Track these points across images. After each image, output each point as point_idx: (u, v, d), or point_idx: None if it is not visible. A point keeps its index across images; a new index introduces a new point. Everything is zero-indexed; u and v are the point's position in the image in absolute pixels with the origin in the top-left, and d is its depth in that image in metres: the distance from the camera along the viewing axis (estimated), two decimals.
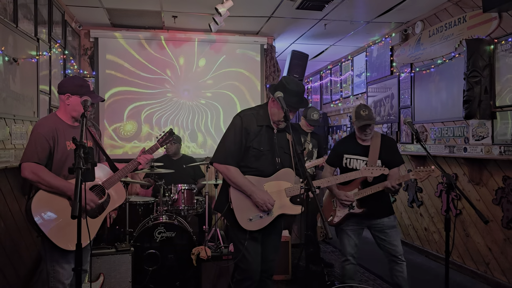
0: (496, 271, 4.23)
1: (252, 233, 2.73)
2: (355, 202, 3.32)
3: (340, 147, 3.54)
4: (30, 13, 4.00)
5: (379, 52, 6.43)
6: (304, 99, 2.82)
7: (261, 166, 2.75)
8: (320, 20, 5.59)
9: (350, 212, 3.35)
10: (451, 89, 4.76)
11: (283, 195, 2.76)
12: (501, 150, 4.00)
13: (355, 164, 3.39)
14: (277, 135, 2.81)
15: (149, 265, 4.04)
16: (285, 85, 2.73)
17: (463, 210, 4.65)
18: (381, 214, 3.36)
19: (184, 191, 4.57)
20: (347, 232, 3.40)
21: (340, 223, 3.40)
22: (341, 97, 7.93)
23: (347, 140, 3.56)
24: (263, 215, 2.72)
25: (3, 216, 3.46)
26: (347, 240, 3.41)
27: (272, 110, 2.76)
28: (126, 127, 5.97)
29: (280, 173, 2.77)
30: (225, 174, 2.71)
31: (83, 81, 2.73)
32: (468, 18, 4.49)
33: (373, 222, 3.37)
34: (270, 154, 2.76)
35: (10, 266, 3.55)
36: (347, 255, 3.41)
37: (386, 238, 3.33)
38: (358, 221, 3.39)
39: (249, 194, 2.67)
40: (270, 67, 6.47)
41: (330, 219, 3.43)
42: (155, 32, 6.08)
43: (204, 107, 6.23)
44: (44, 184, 2.47)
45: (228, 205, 2.73)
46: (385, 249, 3.36)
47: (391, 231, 3.34)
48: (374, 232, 3.41)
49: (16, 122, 3.63)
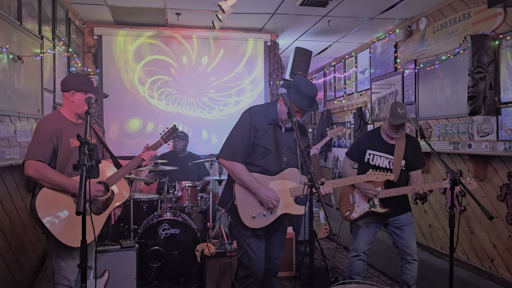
0: (500, 267, 4.22)
1: (255, 230, 2.71)
2: (378, 201, 3.27)
3: (363, 142, 3.46)
4: (34, 11, 4.02)
5: (383, 49, 6.40)
6: (315, 102, 2.76)
7: (267, 165, 2.72)
8: (324, 16, 5.58)
9: (371, 210, 3.30)
10: (455, 85, 4.74)
11: (287, 194, 2.73)
12: (506, 146, 3.98)
13: (378, 162, 3.33)
14: (285, 134, 2.78)
15: (154, 262, 4.05)
16: (298, 86, 2.68)
17: (467, 206, 4.63)
18: (399, 211, 3.32)
19: (188, 188, 4.58)
20: (363, 228, 3.37)
21: (358, 219, 3.35)
22: (345, 94, 7.91)
23: (372, 135, 3.48)
24: (267, 213, 2.70)
25: (8, 213, 3.48)
26: (361, 237, 3.37)
27: (282, 109, 2.72)
28: (130, 124, 5.99)
29: (285, 172, 2.75)
30: (231, 170, 2.69)
31: (86, 78, 2.74)
32: (473, 13, 4.46)
33: (390, 219, 3.34)
34: (276, 153, 2.74)
35: (16, 263, 3.58)
36: (358, 251, 3.38)
37: (403, 235, 3.30)
38: (376, 219, 3.35)
39: (254, 191, 2.65)
40: (273, 64, 6.46)
41: (347, 214, 3.37)
42: (158, 30, 6.09)
43: (208, 104, 6.23)
44: (48, 182, 2.48)
45: (232, 201, 2.72)
46: (400, 246, 3.33)
47: (407, 228, 3.31)
48: (391, 228, 3.37)
49: (20, 119, 3.65)
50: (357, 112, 7.17)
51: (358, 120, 7.10)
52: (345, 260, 5.04)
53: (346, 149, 7.87)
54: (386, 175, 3.06)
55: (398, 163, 3.26)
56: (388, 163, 3.31)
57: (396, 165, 3.29)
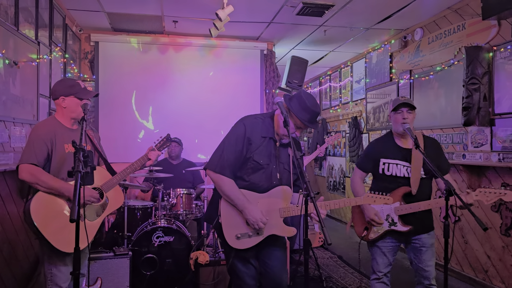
0: (494, 278, 4.22)
1: (240, 252, 2.53)
2: (398, 218, 2.88)
3: (375, 150, 3.06)
4: (31, 16, 4.02)
5: (379, 59, 6.45)
6: (316, 122, 2.60)
7: (257, 180, 2.55)
8: (320, 26, 5.62)
9: (391, 229, 2.91)
10: (450, 96, 4.77)
11: (276, 215, 2.54)
12: (500, 157, 4.01)
13: (395, 171, 2.93)
14: (279, 149, 2.62)
15: (147, 270, 4.02)
16: (303, 99, 2.51)
17: (461, 217, 4.65)
18: (421, 230, 2.94)
19: (183, 196, 4.56)
20: (382, 249, 2.99)
21: (377, 239, 2.98)
22: (340, 103, 7.95)
23: (384, 141, 3.07)
24: (252, 234, 2.51)
25: (1, 219, 3.45)
26: (381, 259, 3.00)
27: (280, 123, 2.53)
28: (126, 130, 5.96)
29: (275, 190, 2.56)
30: (218, 184, 2.50)
31: (72, 81, 2.73)
32: (468, 25, 4.52)
33: (411, 238, 2.96)
34: (268, 169, 2.56)
35: (7, 270, 3.53)
36: (379, 274, 3.01)
37: (422, 258, 2.93)
38: (396, 237, 2.96)
39: (241, 209, 2.47)
40: (270, 72, 6.49)
41: (364, 234, 2.98)
42: (155, 37, 6.10)
43: (204, 111, 6.22)
44: (42, 186, 2.47)
45: (217, 218, 2.54)
46: (417, 269, 2.97)
47: (427, 250, 2.93)
48: (410, 249, 3.00)
49: (15, 125, 3.63)
50: (352, 121, 7.20)
51: (353, 129, 7.13)
52: (339, 269, 5.03)
53: (341, 158, 7.89)
54: (385, 198, 2.64)
55: (417, 170, 2.86)
56: (406, 171, 2.90)
57: (414, 174, 2.88)
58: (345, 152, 7.72)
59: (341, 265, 5.20)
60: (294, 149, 2.33)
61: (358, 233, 3.06)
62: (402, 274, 2.98)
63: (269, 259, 2.66)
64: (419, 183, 2.88)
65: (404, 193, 2.89)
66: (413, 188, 2.87)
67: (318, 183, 9.07)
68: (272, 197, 2.56)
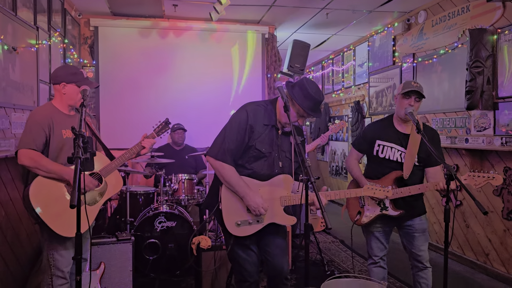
0: (495, 261, 4.24)
1: (240, 239, 2.53)
2: (389, 203, 2.91)
3: (371, 131, 3.06)
4: (29, 1, 3.97)
5: (382, 42, 6.37)
6: (319, 109, 2.56)
7: (258, 168, 2.53)
8: (322, 9, 5.54)
9: (383, 213, 2.94)
10: (453, 79, 4.72)
11: (277, 203, 2.54)
12: (503, 141, 3.98)
13: (389, 154, 2.93)
14: (281, 137, 2.59)
15: (150, 254, 4.06)
16: (305, 86, 2.47)
17: (463, 201, 4.64)
18: (413, 214, 2.96)
19: (184, 181, 4.57)
20: (375, 234, 3.03)
21: (369, 224, 3.01)
22: (343, 87, 7.89)
23: (383, 124, 3.06)
24: (252, 221, 2.50)
25: (4, 205, 3.47)
26: (375, 243, 3.04)
27: (282, 111, 2.47)
28: (126, 116, 5.95)
29: (276, 179, 2.55)
30: (219, 171, 2.49)
31: (76, 69, 2.73)
32: (472, 7, 4.44)
33: (403, 223, 2.99)
34: (270, 157, 2.54)
35: (11, 255, 3.57)
36: (375, 258, 3.05)
37: (414, 243, 2.95)
38: (388, 221, 3.00)
39: (242, 195, 2.46)
40: (271, 56, 6.43)
41: (357, 219, 3.02)
42: (155, 21, 6.04)
43: (205, 97, 6.19)
44: (42, 170, 2.47)
45: (217, 205, 2.54)
46: (411, 254, 3.01)
47: (420, 235, 2.95)
48: (402, 233, 3.03)
49: (16, 111, 3.63)
50: (355, 105, 7.16)
51: (356, 113, 7.09)
52: (341, 253, 5.06)
53: (343, 142, 7.87)
54: (385, 191, 2.68)
55: (412, 156, 2.85)
56: (400, 155, 2.90)
57: (408, 159, 2.88)
58: (347, 136, 7.70)
59: (343, 249, 5.23)
60: (295, 134, 2.30)
61: (351, 217, 3.09)
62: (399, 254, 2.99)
63: (269, 247, 2.66)
64: (411, 169, 2.88)
65: (396, 177, 2.90)
66: (405, 172, 2.87)
67: (320, 168, 9.07)
68: (273, 186, 2.54)
